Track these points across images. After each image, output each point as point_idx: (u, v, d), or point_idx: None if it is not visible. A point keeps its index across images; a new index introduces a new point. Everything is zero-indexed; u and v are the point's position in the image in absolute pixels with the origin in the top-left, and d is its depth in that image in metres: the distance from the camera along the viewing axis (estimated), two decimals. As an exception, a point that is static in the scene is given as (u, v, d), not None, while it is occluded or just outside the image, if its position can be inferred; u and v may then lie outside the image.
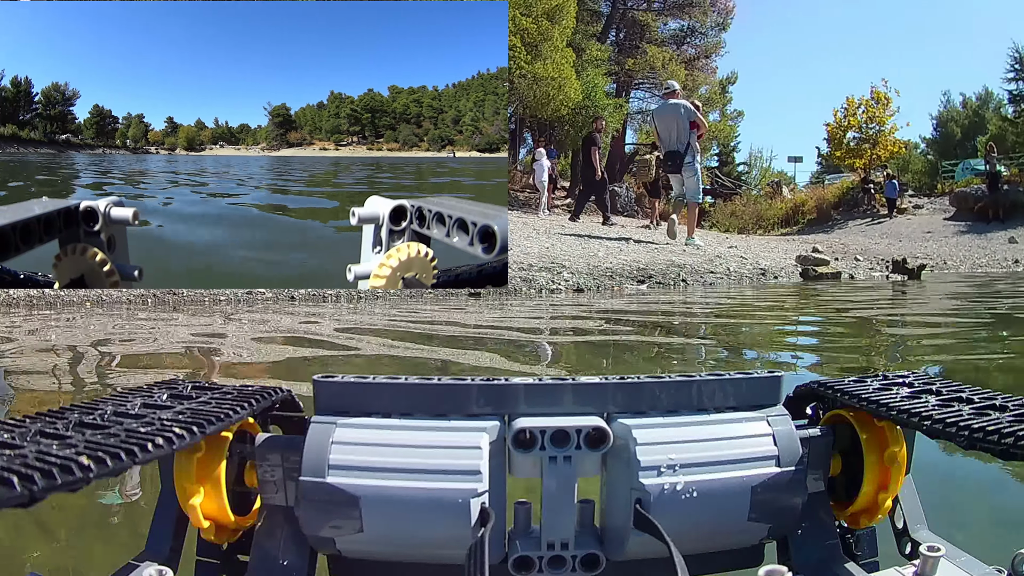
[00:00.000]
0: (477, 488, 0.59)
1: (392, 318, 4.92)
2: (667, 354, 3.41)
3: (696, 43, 21.79)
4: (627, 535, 0.62)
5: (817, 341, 4.02)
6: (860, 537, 0.73)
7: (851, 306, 5.71)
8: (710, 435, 0.63)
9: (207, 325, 4.47)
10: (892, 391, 0.67)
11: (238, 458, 0.67)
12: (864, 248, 12.75)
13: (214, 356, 3.27)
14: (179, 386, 0.68)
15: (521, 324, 4.40)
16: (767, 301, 6.39)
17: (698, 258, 8.83)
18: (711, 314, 5.24)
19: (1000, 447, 0.52)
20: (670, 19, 21.35)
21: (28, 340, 3.74)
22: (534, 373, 2.85)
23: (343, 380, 0.64)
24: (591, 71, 17.17)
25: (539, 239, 9.30)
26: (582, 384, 0.64)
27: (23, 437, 0.47)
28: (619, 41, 21.27)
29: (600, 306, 5.53)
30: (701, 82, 21.31)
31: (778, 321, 4.76)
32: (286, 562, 0.66)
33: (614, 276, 7.43)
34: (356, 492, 0.60)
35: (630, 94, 21.25)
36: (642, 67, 19.92)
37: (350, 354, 3.28)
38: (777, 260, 9.85)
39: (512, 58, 14.29)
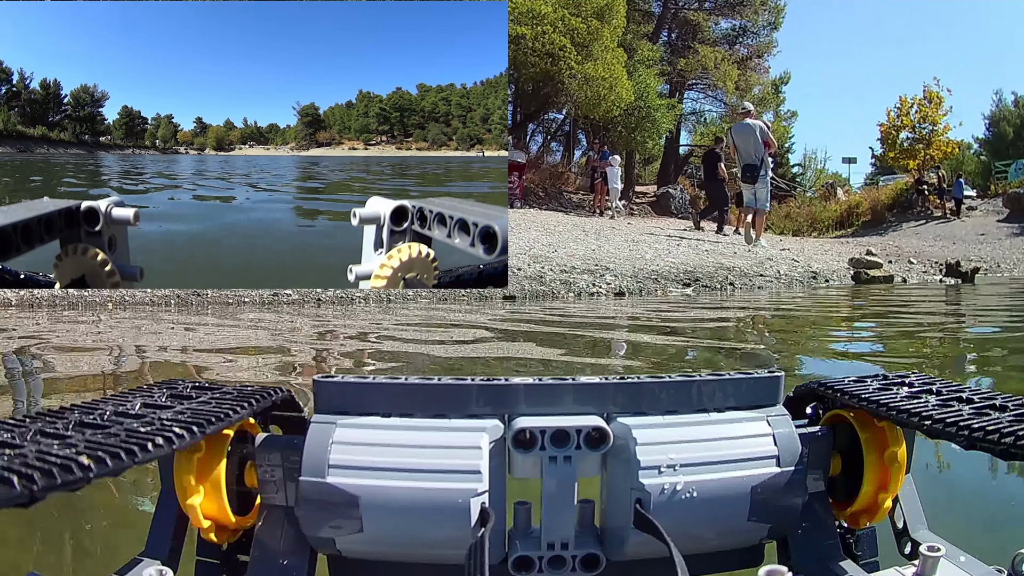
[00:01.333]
0: (477, 488, 0.59)
1: (473, 322, 4.73)
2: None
3: (748, 43, 21.44)
4: (627, 535, 0.62)
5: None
6: (860, 537, 0.73)
7: (904, 312, 5.53)
8: (710, 435, 0.63)
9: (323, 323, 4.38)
10: (892, 391, 0.67)
11: (238, 458, 0.67)
12: (918, 250, 12.56)
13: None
14: (179, 386, 0.69)
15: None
16: (825, 308, 6.17)
17: (748, 261, 8.76)
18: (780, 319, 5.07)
19: (1000, 447, 0.52)
20: (721, 19, 21.07)
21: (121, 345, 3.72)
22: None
23: (343, 380, 0.64)
24: (643, 71, 16.96)
25: (586, 241, 9.23)
26: (582, 384, 0.64)
27: (23, 437, 0.47)
28: (671, 41, 21.01)
29: (648, 312, 5.41)
30: (754, 82, 20.85)
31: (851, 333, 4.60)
32: (286, 562, 0.66)
33: (659, 279, 7.34)
34: (356, 492, 0.60)
35: (684, 95, 21.03)
36: (694, 67, 19.67)
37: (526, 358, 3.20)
38: (829, 263, 9.75)
39: (562, 58, 14.05)
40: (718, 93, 20.87)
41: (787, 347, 3.78)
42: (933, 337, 4.14)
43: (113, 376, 2.82)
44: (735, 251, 9.50)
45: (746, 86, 20.28)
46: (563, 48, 14.09)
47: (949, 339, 4.10)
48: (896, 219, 19.54)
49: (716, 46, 20.32)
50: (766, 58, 21.72)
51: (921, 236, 16.25)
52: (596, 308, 5.58)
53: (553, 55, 14.09)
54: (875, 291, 7.75)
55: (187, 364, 3.04)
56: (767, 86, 21.60)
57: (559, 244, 8.56)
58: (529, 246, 8.07)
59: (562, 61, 14.19)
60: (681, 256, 8.71)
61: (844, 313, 5.86)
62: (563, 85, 14.73)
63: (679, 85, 20.70)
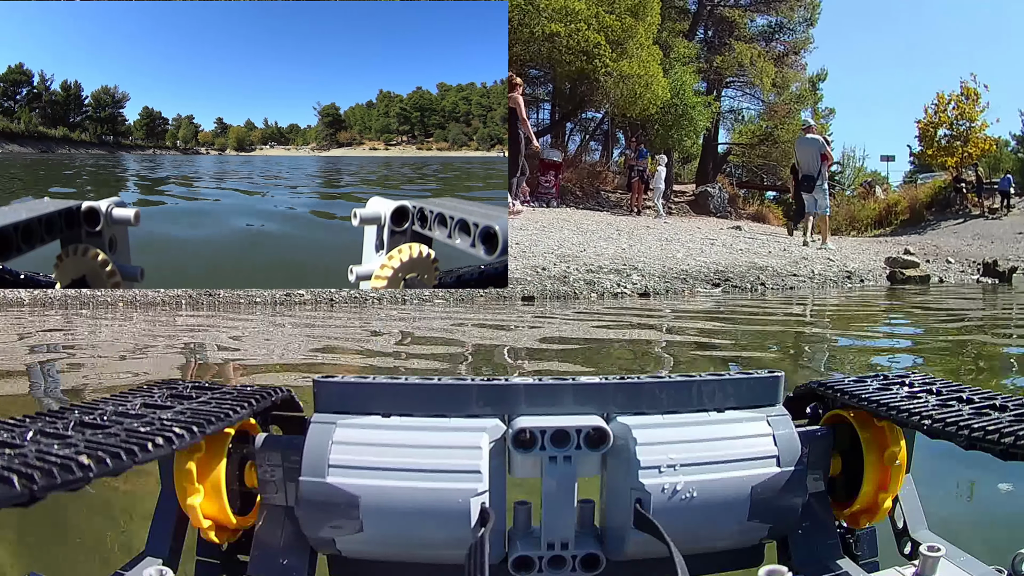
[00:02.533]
0: (477, 488, 0.59)
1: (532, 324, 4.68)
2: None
3: (784, 39, 21.27)
4: (627, 535, 0.62)
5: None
6: (860, 537, 0.73)
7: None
8: (710, 435, 0.63)
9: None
10: (892, 391, 0.67)
11: (238, 458, 0.67)
12: (956, 250, 12.29)
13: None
14: (179, 386, 0.69)
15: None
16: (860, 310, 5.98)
17: (782, 260, 8.63)
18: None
19: (1000, 447, 0.52)
20: (757, 15, 20.89)
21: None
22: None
23: (343, 380, 0.64)
24: (678, 68, 16.77)
25: (618, 240, 9.10)
26: (582, 384, 0.64)
27: (23, 436, 0.47)
28: (707, 39, 20.84)
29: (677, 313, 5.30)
30: (791, 79, 20.75)
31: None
32: (286, 562, 0.66)
33: (687, 279, 7.21)
34: (356, 492, 0.60)
35: (721, 93, 20.83)
36: (730, 64, 19.50)
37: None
38: (866, 262, 9.59)
39: (596, 56, 13.87)
40: (756, 91, 20.70)
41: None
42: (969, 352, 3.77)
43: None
44: (769, 250, 9.36)
45: (783, 83, 20.12)
46: (597, 45, 13.90)
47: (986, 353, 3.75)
48: (935, 218, 19.18)
49: (752, 43, 20.11)
50: (802, 54, 21.51)
51: (959, 235, 15.83)
52: (618, 310, 5.50)
53: (588, 52, 13.90)
54: (910, 292, 7.60)
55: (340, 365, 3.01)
56: (804, 83, 21.34)
57: (589, 243, 8.41)
58: (559, 245, 7.95)
59: (597, 59, 14.00)
60: (714, 255, 8.53)
61: (875, 318, 5.69)
62: (599, 83, 14.52)
63: (716, 83, 20.48)
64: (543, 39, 13.62)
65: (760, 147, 20.42)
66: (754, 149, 20.70)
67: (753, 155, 20.98)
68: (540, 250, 7.42)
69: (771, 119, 20.33)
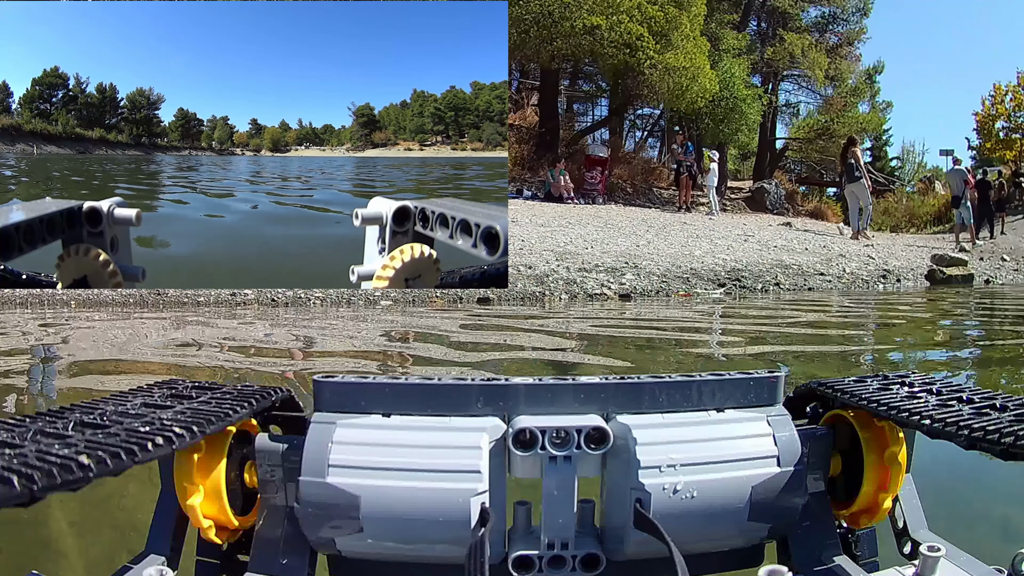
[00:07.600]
0: (477, 488, 0.59)
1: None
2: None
3: (838, 30, 20.29)
4: (627, 535, 0.62)
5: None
6: (860, 537, 0.73)
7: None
8: (710, 435, 0.63)
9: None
10: (892, 391, 0.67)
11: (238, 458, 0.67)
12: (1013, 247, 11.66)
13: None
14: (179, 386, 0.69)
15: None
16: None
17: (815, 258, 8.30)
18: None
19: (1000, 447, 0.52)
20: (810, 6, 20.28)
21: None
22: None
23: (343, 380, 0.64)
24: (728, 60, 16.17)
25: (640, 236, 8.84)
26: (582, 384, 0.64)
27: (23, 436, 0.48)
28: (761, 30, 20.19)
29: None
30: (845, 71, 20.01)
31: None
32: (286, 562, 0.66)
33: (691, 278, 6.90)
34: (356, 492, 0.60)
35: (777, 86, 20.20)
36: (782, 55, 18.85)
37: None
38: (910, 260, 9.18)
39: (640, 48, 13.41)
40: (812, 84, 20.15)
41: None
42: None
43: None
44: (806, 247, 9.03)
45: (837, 75, 19.63)
46: (640, 37, 13.43)
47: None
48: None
49: (804, 33, 19.51)
50: (856, 45, 20.83)
51: (1019, 231, 14.87)
52: (558, 317, 5.19)
53: (630, 45, 13.43)
54: (942, 294, 7.07)
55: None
56: (860, 75, 20.74)
57: (604, 240, 8.12)
58: (568, 241, 7.72)
59: (640, 51, 13.51)
60: (738, 253, 8.17)
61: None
62: (643, 76, 13.96)
63: (771, 76, 19.92)
64: (584, 32, 13.15)
65: (817, 142, 19.69)
66: (811, 144, 20.02)
67: (810, 150, 20.27)
68: (541, 247, 7.26)
69: (827, 113, 19.79)
